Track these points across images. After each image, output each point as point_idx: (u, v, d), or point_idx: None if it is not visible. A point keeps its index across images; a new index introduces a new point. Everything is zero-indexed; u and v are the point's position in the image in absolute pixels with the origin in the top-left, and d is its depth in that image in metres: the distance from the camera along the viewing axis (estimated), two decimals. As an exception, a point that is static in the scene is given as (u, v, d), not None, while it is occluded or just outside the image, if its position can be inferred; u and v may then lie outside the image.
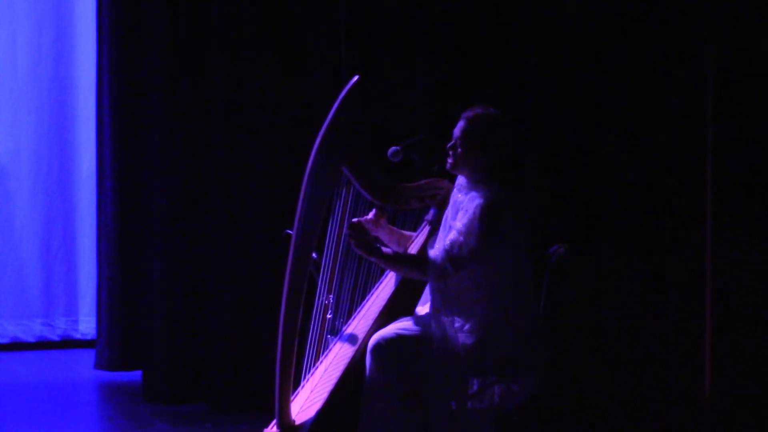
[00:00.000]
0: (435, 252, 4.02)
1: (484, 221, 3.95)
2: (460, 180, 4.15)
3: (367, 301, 4.31)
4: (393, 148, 4.32)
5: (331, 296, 4.23)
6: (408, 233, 4.38)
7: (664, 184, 5.00)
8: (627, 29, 5.02)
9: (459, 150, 4.07)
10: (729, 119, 4.76)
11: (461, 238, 3.97)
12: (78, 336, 7.80)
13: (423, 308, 4.22)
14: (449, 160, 4.10)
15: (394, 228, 4.38)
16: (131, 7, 6.59)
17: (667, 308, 4.99)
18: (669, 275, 4.98)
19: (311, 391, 4.10)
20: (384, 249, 4.10)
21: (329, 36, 5.65)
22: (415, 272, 4.09)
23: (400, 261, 4.14)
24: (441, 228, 4.22)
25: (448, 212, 4.17)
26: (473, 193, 4.04)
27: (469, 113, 4.10)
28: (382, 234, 4.30)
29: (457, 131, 4.10)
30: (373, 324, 4.15)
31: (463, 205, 4.06)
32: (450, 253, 3.97)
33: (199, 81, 5.99)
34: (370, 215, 4.26)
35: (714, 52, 4.77)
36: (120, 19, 6.66)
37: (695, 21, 4.83)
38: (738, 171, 4.77)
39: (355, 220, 4.15)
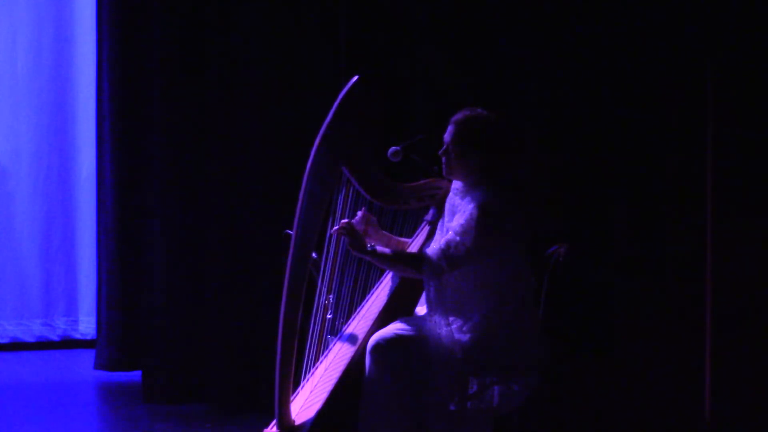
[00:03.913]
0: (431, 250, 4.02)
1: (481, 222, 3.94)
2: (456, 184, 4.15)
3: (366, 301, 4.31)
4: (393, 148, 4.32)
5: (331, 296, 4.23)
6: (404, 239, 4.39)
7: (665, 184, 5.00)
8: (627, 30, 5.02)
9: (452, 155, 4.07)
10: (729, 120, 4.76)
11: (457, 238, 3.97)
12: (78, 336, 7.79)
13: (422, 309, 4.21)
14: (444, 167, 4.10)
15: (391, 235, 4.37)
16: (131, 7, 6.59)
17: (667, 308, 4.99)
18: (669, 275, 4.98)
19: (311, 392, 4.10)
20: (378, 247, 4.09)
21: (329, 36, 5.65)
22: (410, 269, 4.08)
23: (395, 258, 4.13)
24: (437, 231, 4.22)
25: (445, 216, 4.17)
26: (469, 197, 4.04)
27: (457, 116, 4.09)
28: (379, 240, 4.29)
29: (447, 136, 4.10)
30: (373, 324, 4.15)
31: (459, 208, 4.06)
32: (446, 252, 3.97)
33: (198, 81, 5.99)
34: (358, 217, 4.24)
35: (714, 53, 4.77)
36: (120, 20, 6.65)
37: (696, 21, 4.83)
38: (738, 173, 4.77)
39: (344, 221, 4.14)
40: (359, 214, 4.25)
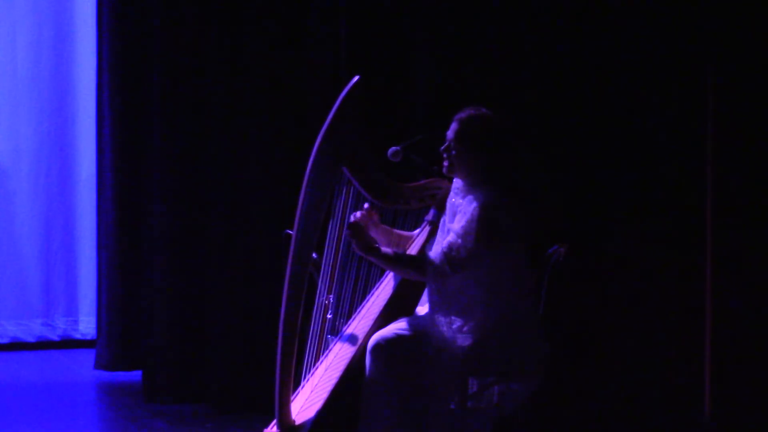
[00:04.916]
0: (434, 253, 4.02)
1: (482, 223, 3.94)
2: (457, 183, 4.14)
3: (367, 301, 4.31)
4: (393, 148, 4.32)
5: (331, 296, 4.23)
6: (406, 233, 4.38)
7: (665, 184, 5.00)
8: (628, 30, 5.02)
9: (453, 153, 4.07)
10: (729, 120, 4.77)
11: (459, 241, 3.96)
12: (78, 336, 7.80)
13: (423, 309, 4.21)
14: (445, 164, 4.10)
15: (392, 229, 4.37)
16: (131, 6, 6.59)
17: (667, 307, 5.00)
18: (669, 275, 4.98)
19: (311, 391, 4.10)
20: (383, 249, 4.09)
21: (329, 36, 5.65)
22: (414, 272, 4.09)
23: (399, 261, 4.13)
24: (439, 231, 4.22)
25: (446, 216, 4.17)
26: (470, 196, 4.04)
27: (461, 115, 4.09)
28: (380, 235, 4.30)
29: (450, 134, 4.09)
30: (373, 324, 4.14)
31: (460, 208, 4.05)
32: (448, 255, 3.97)
33: (198, 81, 5.99)
34: (359, 213, 4.24)
35: (715, 53, 4.77)
36: (120, 19, 6.66)
37: (696, 23, 4.84)
38: (738, 172, 4.78)
39: (352, 218, 4.15)
40: (365, 206, 4.24)
